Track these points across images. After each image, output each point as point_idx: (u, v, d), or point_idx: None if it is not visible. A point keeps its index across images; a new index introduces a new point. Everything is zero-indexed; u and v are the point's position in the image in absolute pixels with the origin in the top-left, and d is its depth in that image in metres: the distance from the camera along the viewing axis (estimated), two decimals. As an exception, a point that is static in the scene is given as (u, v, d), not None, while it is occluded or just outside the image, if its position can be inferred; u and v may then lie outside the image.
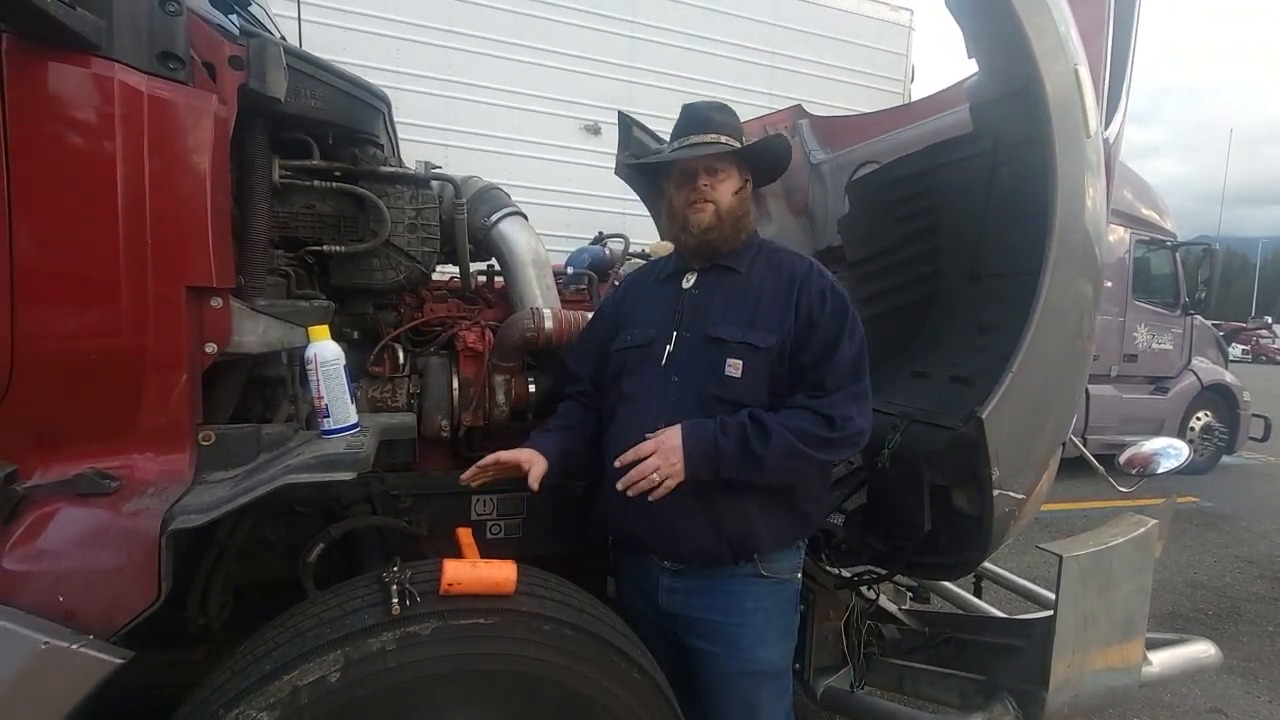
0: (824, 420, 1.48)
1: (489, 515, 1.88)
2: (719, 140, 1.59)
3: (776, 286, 1.59)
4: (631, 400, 1.61)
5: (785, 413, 1.50)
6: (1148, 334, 6.81)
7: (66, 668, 1.02)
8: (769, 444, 1.44)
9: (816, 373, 1.52)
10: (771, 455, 1.44)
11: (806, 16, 6.50)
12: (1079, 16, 1.72)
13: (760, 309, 1.57)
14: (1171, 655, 2.14)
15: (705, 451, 1.45)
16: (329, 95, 1.53)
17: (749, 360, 1.53)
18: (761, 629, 1.58)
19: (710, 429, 1.47)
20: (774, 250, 1.69)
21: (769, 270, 1.63)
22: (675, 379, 1.57)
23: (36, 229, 1.08)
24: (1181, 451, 2.49)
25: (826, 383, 1.51)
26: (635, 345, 1.64)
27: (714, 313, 1.59)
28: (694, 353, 1.57)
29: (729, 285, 1.63)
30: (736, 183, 1.63)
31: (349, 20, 5.05)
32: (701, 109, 1.65)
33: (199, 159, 1.15)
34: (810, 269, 1.61)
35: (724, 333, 1.56)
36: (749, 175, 1.67)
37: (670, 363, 1.58)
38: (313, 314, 1.42)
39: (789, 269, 1.61)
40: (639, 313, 1.70)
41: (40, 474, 1.12)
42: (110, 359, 1.13)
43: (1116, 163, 1.96)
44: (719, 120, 1.62)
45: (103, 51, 1.07)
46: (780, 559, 1.60)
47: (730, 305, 1.60)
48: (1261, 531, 5.63)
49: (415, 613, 1.21)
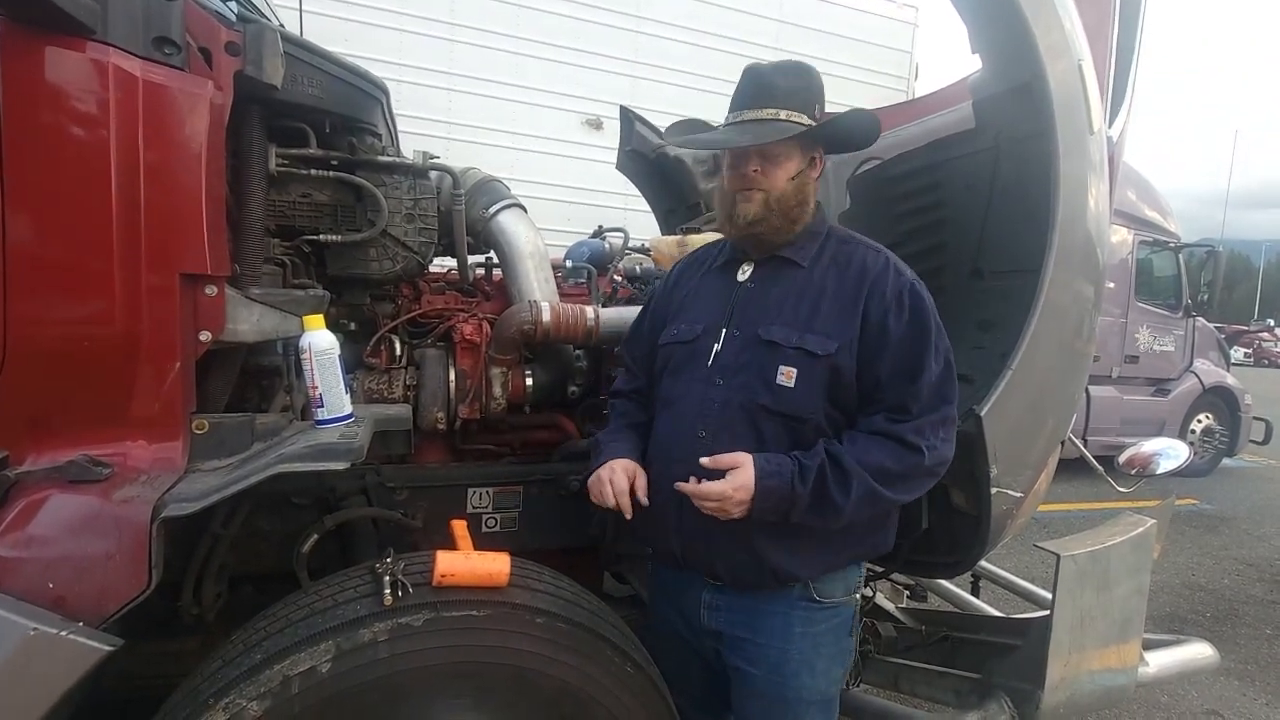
0: (909, 450, 1.31)
1: (485, 509, 1.87)
2: (778, 117, 1.36)
3: (842, 285, 1.40)
4: (670, 406, 1.48)
5: (864, 443, 1.33)
6: (1149, 335, 6.80)
7: (55, 655, 1.01)
8: (849, 492, 1.28)
9: (898, 394, 1.34)
10: (852, 504, 1.29)
11: (811, 13, 6.47)
12: (1084, 14, 1.71)
13: (821, 310, 1.38)
14: (1168, 656, 2.13)
15: (779, 498, 1.29)
16: (327, 83, 1.51)
17: (804, 368, 1.35)
18: (809, 655, 1.42)
19: (788, 472, 1.29)
20: (844, 241, 1.48)
21: (835, 265, 1.43)
22: (720, 382, 1.40)
23: (29, 215, 1.07)
24: (1181, 452, 2.48)
25: (911, 406, 1.33)
26: (680, 341, 1.49)
27: (769, 311, 1.41)
28: (743, 355, 1.40)
29: (788, 281, 1.44)
30: (797, 164, 1.40)
31: (351, 11, 5.03)
32: (764, 74, 1.40)
33: (194, 145, 1.14)
34: (886, 266, 1.40)
35: (777, 335, 1.38)
36: (817, 153, 1.44)
37: (716, 364, 1.42)
38: (308, 303, 1.42)
39: (859, 265, 1.41)
40: (689, 305, 1.54)
41: (32, 460, 1.11)
42: (103, 346, 1.12)
43: (1120, 162, 1.95)
44: (785, 89, 1.38)
45: (97, 35, 1.06)
46: (834, 580, 1.44)
47: (787, 304, 1.41)
48: (1261, 534, 5.61)
49: (408, 604, 1.20)
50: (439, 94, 5.36)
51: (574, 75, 5.72)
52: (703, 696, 1.55)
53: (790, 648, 1.41)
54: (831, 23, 6.54)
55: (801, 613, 1.41)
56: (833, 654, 1.46)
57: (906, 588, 2.68)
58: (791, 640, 1.41)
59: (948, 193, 2.31)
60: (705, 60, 5.97)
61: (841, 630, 1.47)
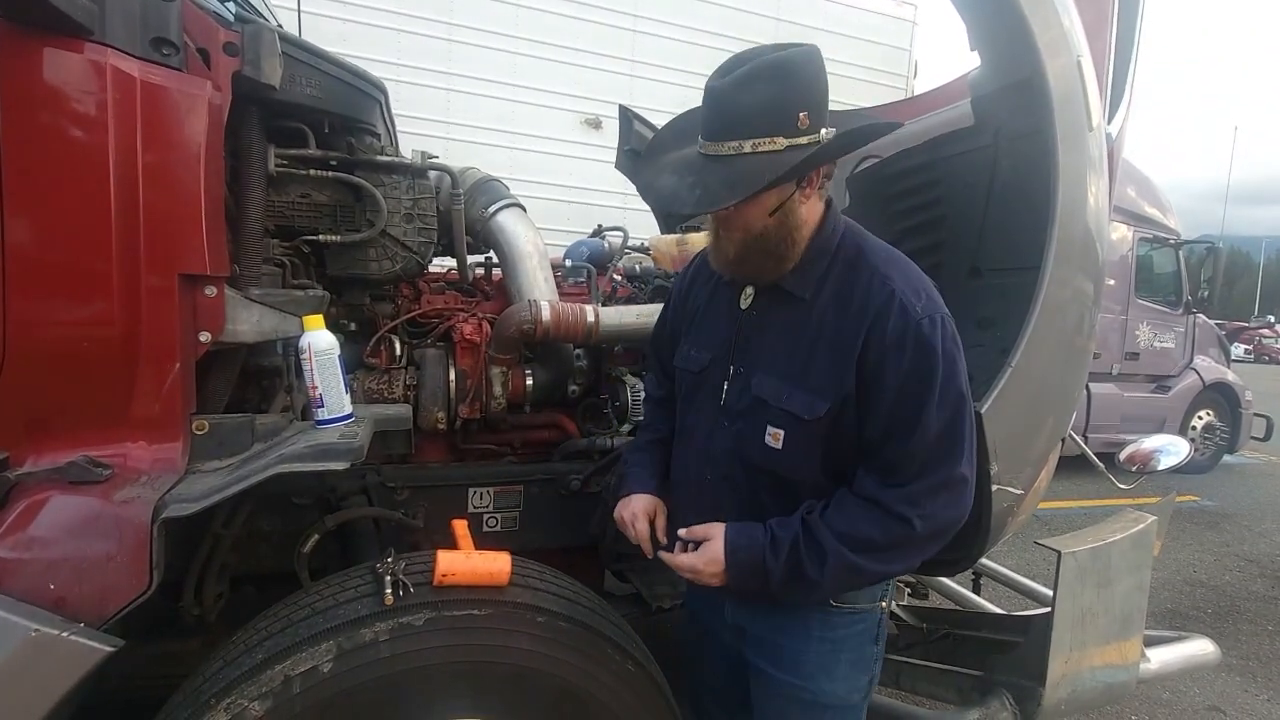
0: (896, 521, 1.16)
1: (486, 508, 1.87)
2: (741, 150, 1.12)
3: (841, 326, 1.19)
4: (684, 439, 1.42)
5: (850, 511, 1.20)
6: (1150, 332, 6.79)
7: (56, 656, 1.02)
8: (824, 566, 1.18)
9: (890, 454, 1.18)
10: (829, 579, 1.19)
11: (809, 10, 6.46)
12: (1083, 10, 1.71)
13: (817, 357, 1.21)
14: (1170, 652, 2.13)
15: (752, 571, 1.22)
16: (325, 83, 1.51)
17: (791, 431, 1.22)
18: (827, 659, 1.35)
19: (759, 543, 1.22)
20: (852, 264, 1.23)
21: (836, 300, 1.22)
22: (725, 424, 1.31)
23: (28, 216, 1.07)
24: (1182, 449, 2.48)
25: (901, 470, 1.17)
26: (690, 370, 1.40)
27: (764, 354, 1.27)
28: (742, 401, 1.29)
29: (786, 315, 1.26)
30: (776, 196, 1.17)
31: (349, 12, 5.03)
32: (724, 96, 1.14)
33: (193, 146, 1.14)
34: (889, 302, 1.17)
35: (767, 391, 1.24)
36: (803, 175, 1.18)
37: (725, 405, 1.31)
38: (308, 303, 1.41)
39: (861, 300, 1.19)
40: (700, 324, 1.42)
41: (32, 461, 1.12)
42: (103, 346, 1.12)
43: (1120, 158, 1.94)
44: (749, 110, 1.12)
45: (95, 36, 1.06)
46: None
47: (781, 347, 1.25)
48: (1262, 531, 5.61)
49: (409, 603, 1.21)
50: (437, 94, 5.36)
51: (572, 74, 5.72)
52: (725, 689, 1.54)
53: (808, 649, 1.35)
54: (830, 20, 6.54)
55: (820, 616, 1.34)
56: (854, 660, 1.38)
57: (907, 585, 2.68)
58: (809, 642, 1.35)
59: (947, 190, 2.31)
60: (704, 59, 5.92)
61: (865, 637, 1.38)
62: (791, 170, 1.12)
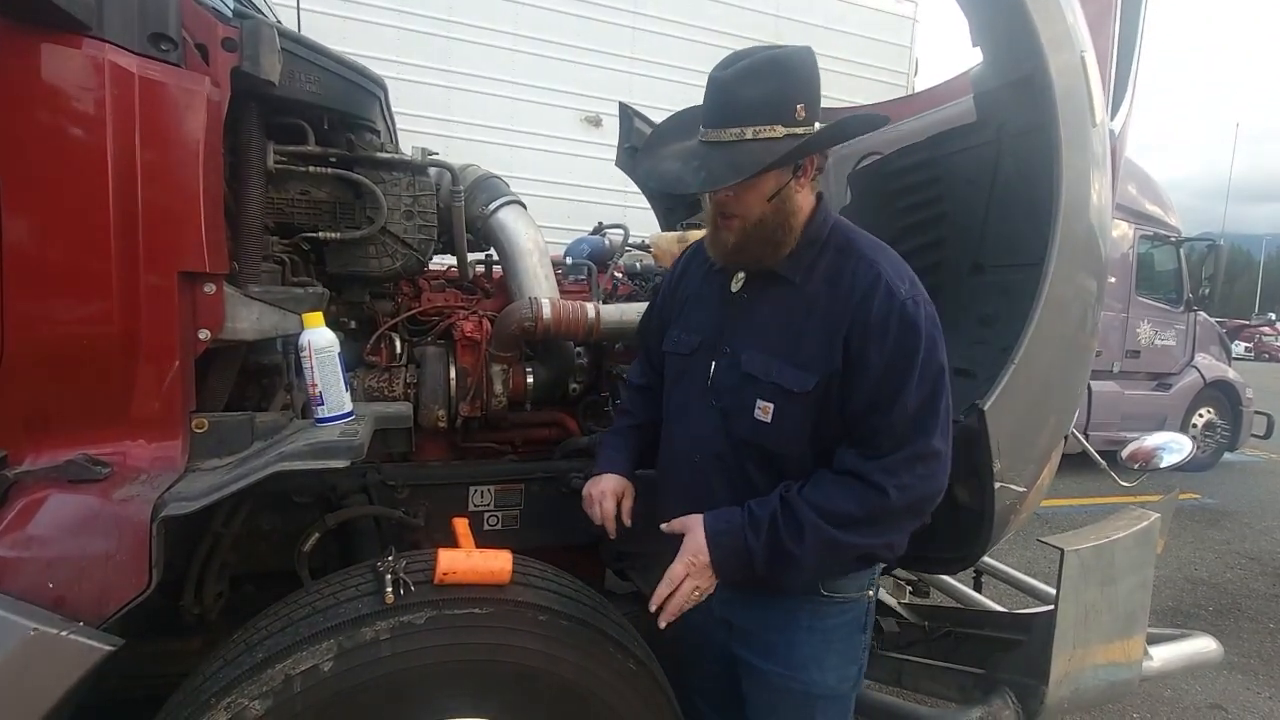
0: (873, 491, 1.20)
1: (486, 506, 1.87)
2: (742, 137, 1.19)
3: (830, 306, 1.26)
4: (673, 422, 1.44)
5: (828, 485, 1.24)
6: (1151, 330, 6.79)
7: (55, 655, 1.01)
8: (803, 539, 1.20)
9: (868, 426, 1.23)
10: (808, 552, 1.21)
11: (810, 8, 6.45)
12: (1086, 6, 1.70)
13: (806, 336, 1.27)
14: (1172, 650, 2.13)
15: (735, 552, 1.24)
16: (324, 79, 1.51)
17: (781, 404, 1.26)
18: (818, 650, 1.37)
19: (738, 524, 1.24)
20: (842, 250, 1.30)
21: (826, 283, 1.28)
22: (714, 404, 1.35)
23: (26, 213, 1.07)
24: (1184, 446, 2.48)
25: (880, 441, 1.22)
26: (679, 353, 1.43)
27: (754, 334, 1.32)
28: (731, 381, 1.33)
29: (777, 297, 1.32)
30: (774, 181, 1.23)
31: (349, 8, 5.02)
32: (726, 86, 1.21)
33: (191, 143, 1.14)
34: (875, 284, 1.23)
35: (756, 367, 1.29)
36: (798, 162, 1.24)
37: (713, 385, 1.35)
38: (307, 301, 1.41)
39: (848, 283, 1.25)
40: (690, 310, 1.46)
41: (31, 459, 1.11)
42: (102, 344, 1.12)
43: (1123, 156, 1.94)
44: (750, 100, 1.19)
45: (93, 32, 1.05)
46: (844, 576, 1.38)
47: (771, 327, 1.31)
48: (1263, 528, 5.61)
49: (409, 602, 1.20)
50: (437, 91, 5.35)
51: (573, 72, 5.71)
52: (714, 687, 1.54)
53: (798, 640, 1.37)
54: (831, 17, 6.53)
55: (809, 606, 1.36)
56: (844, 650, 1.41)
57: (909, 583, 2.68)
58: (799, 633, 1.37)
59: (949, 187, 2.30)
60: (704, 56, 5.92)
61: (854, 627, 1.41)
62: (789, 154, 1.19)
